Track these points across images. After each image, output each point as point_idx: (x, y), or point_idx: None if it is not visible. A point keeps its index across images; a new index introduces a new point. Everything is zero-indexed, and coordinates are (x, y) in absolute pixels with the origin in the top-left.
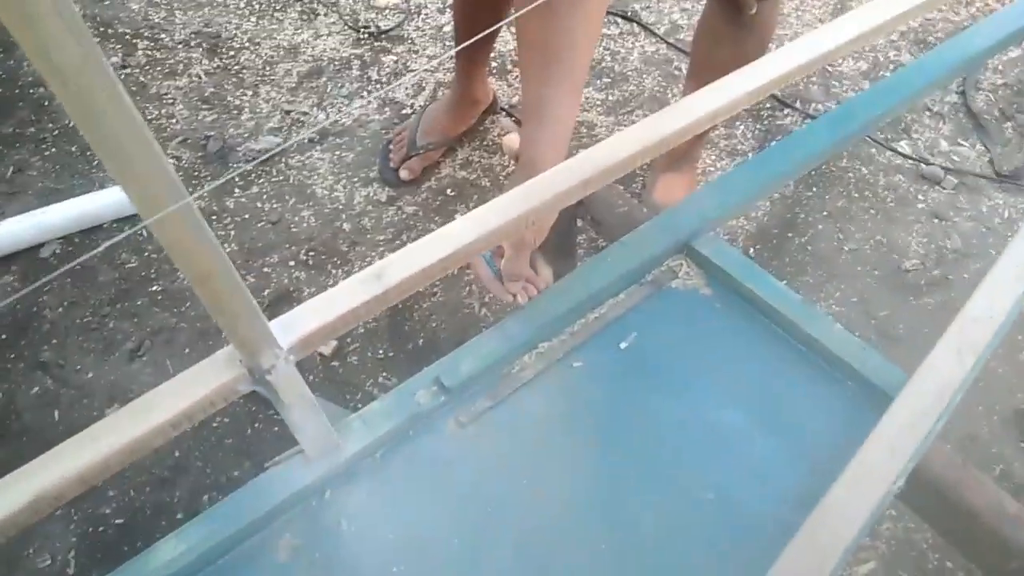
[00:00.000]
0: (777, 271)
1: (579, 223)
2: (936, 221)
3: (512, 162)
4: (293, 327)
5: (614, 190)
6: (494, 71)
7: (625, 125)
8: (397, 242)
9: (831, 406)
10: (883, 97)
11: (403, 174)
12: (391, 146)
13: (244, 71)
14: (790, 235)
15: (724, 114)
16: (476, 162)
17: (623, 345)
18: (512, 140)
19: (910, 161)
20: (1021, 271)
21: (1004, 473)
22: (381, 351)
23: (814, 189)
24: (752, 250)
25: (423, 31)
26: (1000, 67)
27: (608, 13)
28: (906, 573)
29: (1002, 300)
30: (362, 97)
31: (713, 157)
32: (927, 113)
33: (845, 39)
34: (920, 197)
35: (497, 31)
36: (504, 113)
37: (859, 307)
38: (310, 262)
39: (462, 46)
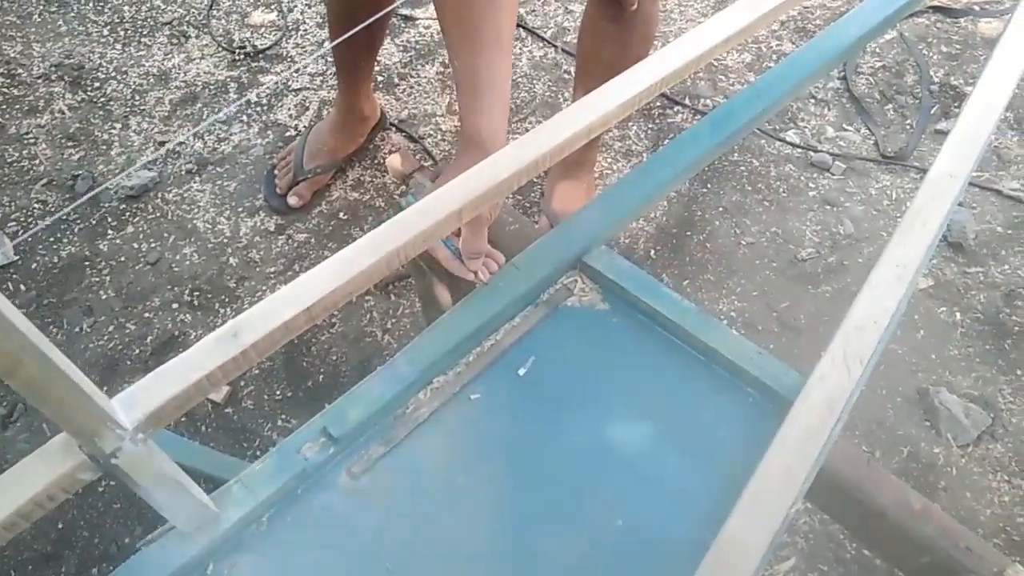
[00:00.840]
0: (679, 271)
1: None
2: (828, 208)
3: (400, 183)
4: (138, 402)
5: (504, 207)
6: (381, 85)
7: (519, 133)
8: (289, 273)
9: (733, 415)
10: (767, 91)
11: (292, 201)
12: (276, 172)
13: (112, 103)
14: (689, 234)
15: (616, 116)
16: (368, 182)
17: (522, 371)
18: (396, 160)
19: (799, 150)
20: (900, 272)
21: (911, 454)
22: (278, 392)
23: (708, 185)
24: (653, 251)
25: (303, 47)
26: (878, 50)
27: None
28: (826, 566)
29: (883, 305)
30: (242, 121)
31: (609, 160)
32: (812, 101)
33: (729, 32)
34: (811, 185)
35: (379, 40)
36: (394, 129)
37: (760, 301)
38: (196, 303)
39: (339, 39)
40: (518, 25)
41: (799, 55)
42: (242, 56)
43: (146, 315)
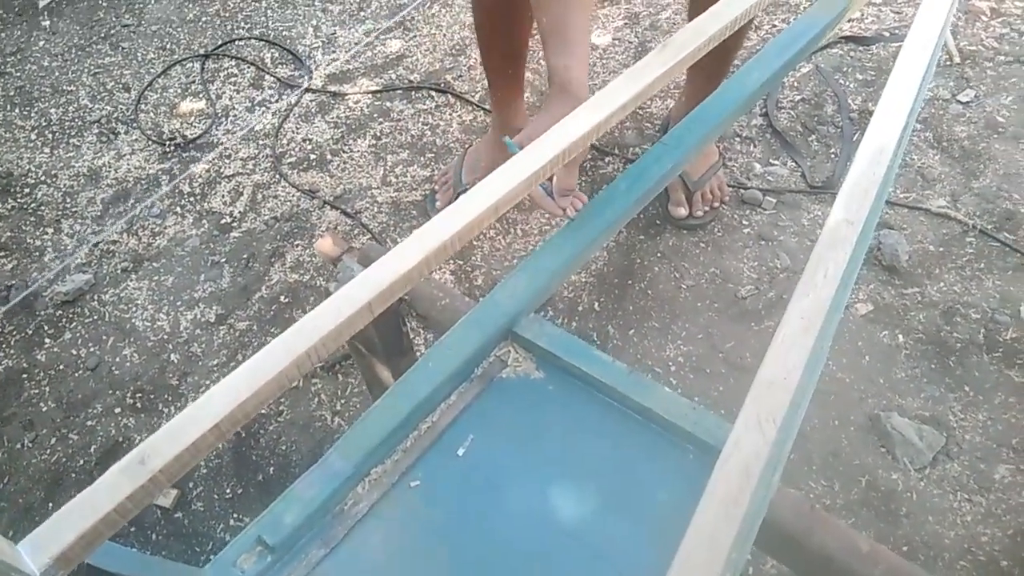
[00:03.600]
0: (623, 320)
1: (407, 320)
2: (763, 243)
3: (332, 265)
4: (45, 545)
5: (434, 283)
6: (313, 163)
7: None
8: (232, 364)
9: (674, 473)
10: (676, 145)
11: None
12: (437, 192)
13: (42, 208)
14: (630, 282)
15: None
16: (307, 262)
17: (461, 451)
18: (326, 244)
19: (730, 188)
20: (805, 324)
21: (870, 483)
22: (228, 490)
23: (646, 232)
24: (597, 304)
25: (233, 133)
26: (796, 84)
27: (421, 88)
28: None
29: (792, 360)
30: (176, 213)
31: (545, 216)
32: (737, 139)
33: (648, 81)
34: (745, 222)
35: (524, 50)
36: (329, 206)
37: (705, 343)
38: (139, 405)
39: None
40: (445, 91)
41: (721, 92)
42: (172, 148)
43: (89, 423)
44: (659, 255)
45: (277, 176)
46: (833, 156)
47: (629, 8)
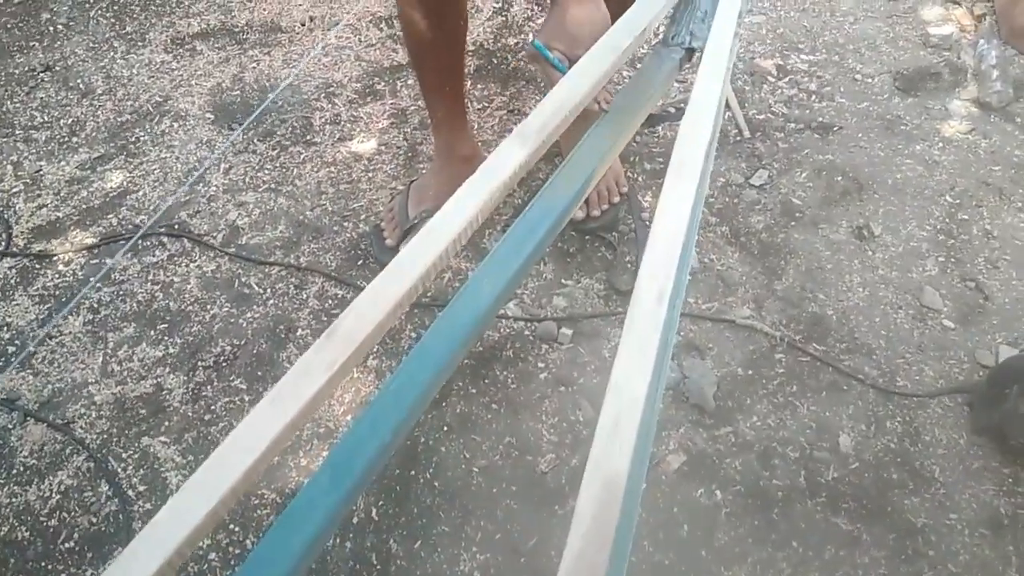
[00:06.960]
0: (407, 530)
1: None
2: (562, 390)
3: None
4: None
5: None
6: (11, 358)
7: (199, 376)
8: None
9: None
10: (440, 348)
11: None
12: (383, 228)
13: None
14: (413, 473)
15: None
16: (6, 505)
17: None
18: None
19: (521, 323)
20: (606, 482)
21: None
22: None
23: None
24: (375, 511)
25: None
26: None
27: (149, 234)
28: None
29: (603, 529)
30: None
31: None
32: None
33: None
34: (541, 365)
35: (462, 63)
36: (33, 420)
37: (505, 545)
38: None
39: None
40: (179, 234)
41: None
42: None
43: None
44: (446, 429)
45: None
46: (630, 265)
47: (395, 103)
